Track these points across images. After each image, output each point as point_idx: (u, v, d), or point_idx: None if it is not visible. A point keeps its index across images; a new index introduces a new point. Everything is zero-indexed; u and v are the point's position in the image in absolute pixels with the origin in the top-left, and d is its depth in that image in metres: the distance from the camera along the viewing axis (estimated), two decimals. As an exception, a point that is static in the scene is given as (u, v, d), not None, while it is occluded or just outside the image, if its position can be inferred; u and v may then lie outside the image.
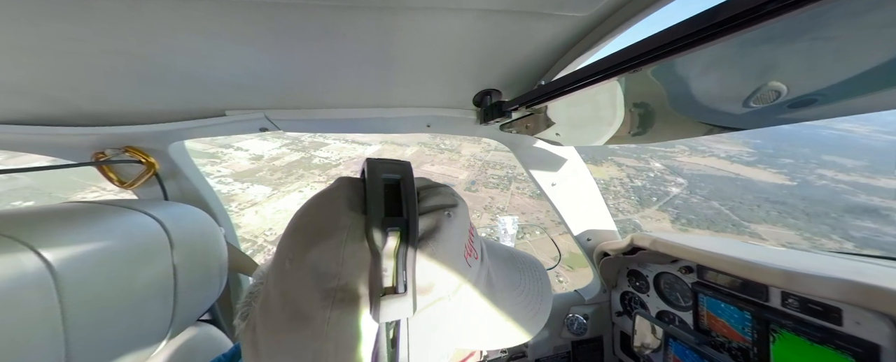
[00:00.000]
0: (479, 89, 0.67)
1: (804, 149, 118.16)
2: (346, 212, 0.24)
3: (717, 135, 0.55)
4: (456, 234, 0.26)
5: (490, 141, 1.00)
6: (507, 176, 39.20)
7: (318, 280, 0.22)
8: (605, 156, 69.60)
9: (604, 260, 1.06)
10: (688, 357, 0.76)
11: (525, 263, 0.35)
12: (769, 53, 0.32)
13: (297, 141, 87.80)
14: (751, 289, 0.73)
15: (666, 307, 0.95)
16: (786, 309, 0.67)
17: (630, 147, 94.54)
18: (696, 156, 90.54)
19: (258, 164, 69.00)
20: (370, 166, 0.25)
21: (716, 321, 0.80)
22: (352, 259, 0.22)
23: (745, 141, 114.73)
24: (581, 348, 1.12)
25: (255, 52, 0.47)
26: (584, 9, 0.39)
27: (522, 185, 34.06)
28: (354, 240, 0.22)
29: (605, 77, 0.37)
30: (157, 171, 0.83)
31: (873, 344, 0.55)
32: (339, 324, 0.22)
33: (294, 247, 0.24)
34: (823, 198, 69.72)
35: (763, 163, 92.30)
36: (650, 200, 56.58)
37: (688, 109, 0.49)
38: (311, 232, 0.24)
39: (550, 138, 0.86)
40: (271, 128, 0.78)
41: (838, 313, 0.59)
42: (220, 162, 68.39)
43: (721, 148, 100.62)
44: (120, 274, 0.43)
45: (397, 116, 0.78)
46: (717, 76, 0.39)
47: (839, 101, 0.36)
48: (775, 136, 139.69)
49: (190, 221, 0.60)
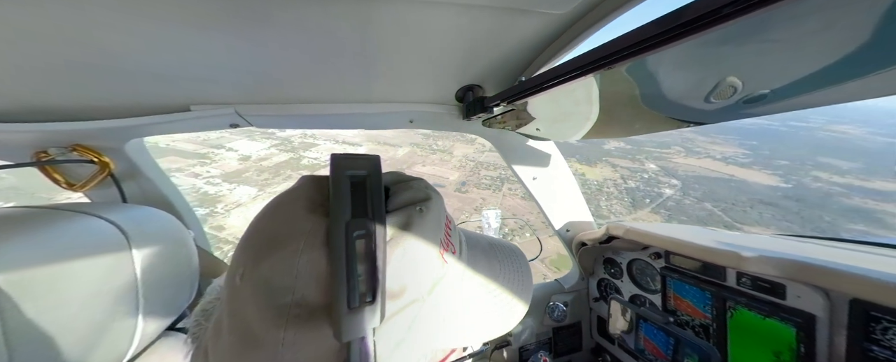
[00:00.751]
0: (461, 85, 0.68)
1: (800, 150, 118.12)
2: (305, 216, 0.22)
3: (713, 137, 0.59)
4: (429, 230, 0.24)
5: (485, 142, 1.02)
6: (500, 177, 38.89)
7: (269, 295, 0.20)
8: (600, 156, 69.39)
9: (582, 249, 1.12)
10: (656, 336, 0.81)
11: (505, 252, 0.34)
12: (726, 53, 0.35)
13: (286, 141, 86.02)
14: (711, 271, 0.78)
15: (638, 291, 1.00)
16: (740, 287, 0.73)
17: (625, 148, 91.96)
18: (692, 157, 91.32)
19: (246, 165, 66.45)
20: (334, 162, 0.22)
21: (681, 301, 0.86)
22: (309, 269, 0.20)
23: (741, 142, 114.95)
24: (561, 334, 1.17)
25: (220, 41, 0.44)
26: (561, 7, 0.41)
27: (514, 187, 33.85)
28: (313, 247, 0.20)
29: (582, 73, 0.39)
30: (112, 172, 0.76)
31: (811, 314, 0.61)
32: (294, 345, 0.19)
33: (245, 260, 0.21)
34: (818, 201, 69.55)
35: (758, 165, 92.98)
36: (643, 202, 56.96)
37: (657, 104, 0.52)
38: (264, 241, 0.21)
39: (531, 133, 0.90)
40: (243, 124, 0.74)
41: (783, 288, 0.65)
42: (211, 162, 67.12)
43: (717, 149, 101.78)
44: (72, 286, 0.39)
45: (379, 112, 0.76)
46: (683, 74, 0.41)
47: (786, 98, 0.40)
48: (772, 138, 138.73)
49: (153, 224, 0.56)
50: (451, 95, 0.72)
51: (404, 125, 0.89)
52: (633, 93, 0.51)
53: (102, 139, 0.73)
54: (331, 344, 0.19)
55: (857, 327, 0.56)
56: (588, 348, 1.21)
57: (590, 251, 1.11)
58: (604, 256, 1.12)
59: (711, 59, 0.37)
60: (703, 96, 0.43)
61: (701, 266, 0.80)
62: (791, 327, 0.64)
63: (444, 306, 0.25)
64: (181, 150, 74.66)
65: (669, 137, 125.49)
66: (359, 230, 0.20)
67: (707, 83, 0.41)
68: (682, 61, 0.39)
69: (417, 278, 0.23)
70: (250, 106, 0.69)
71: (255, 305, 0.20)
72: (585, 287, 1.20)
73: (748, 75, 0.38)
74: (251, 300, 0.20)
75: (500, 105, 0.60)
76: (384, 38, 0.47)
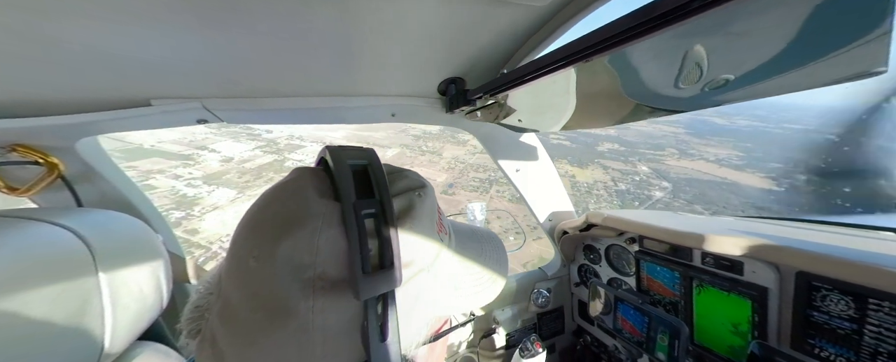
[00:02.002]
0: (443, 77, 0.68)
1: (794, 153, 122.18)
2: (317, 200, 0.23)
3: (707, 139, 0.62)
4: (428, 212, 0.27)
5: (477, 143, 1.01)
6: (488, 178, 39.11)
7: (293, 272, 0.21)
8: (592, 158, 68.58)
9: (563, 237, 1.16)
10: (632, 315, 0.87)
11: (484, 237, 0.38)
12: (694, 44, 0.38)
13: (272, 143, 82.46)
14: (679, 253, 0.85)
15: (615, 274, 1.06)
16: (704, 266, 0.79)
17: (618, 150, 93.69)
18: (685, 159, 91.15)
19: (227, 167, 64.39)
20: (333, 154, 0.25)
21: (653, 282, 0.92)
22: (329, 247, 0.22)
23: (736, 144, 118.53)
24: (545, 318, 1.22)
25: (182, 27, 0.41)
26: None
27: (502, 189, 34.30)
28: (330, 226, 0.22)
29: (562, 66, 0.40)
30: (62, 173, 0.69)
31: (764, 287, 0.68)
32: (323, 311, 0.21)
33: (259, 243, 0.22)
34: (811, 205, 73.21)
35: (752, 168, 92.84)
36: (632, 205, 58.68)
37: (633, 93, 0.55)
38: (279, 223, 0.23)
39: (513, 124, 0.91)
40: (211, 119, 0.70)
41: (741, 265, 0.72)
42: (194, 164, 63.12)
43: (711, 151, 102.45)
44: (24, 300, 0.36)
45: (359, 105, 0.74)
46: (655, 63, 0.44)
47: (744, 86, 0.43)
48: (767, 140, 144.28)
49: (116, 229, 0.52)
50: (433, 88, 0.72)
51: (386, 119, 0.87)
52: (610, 83, 0.53)
53: (48, 138, 0.66)
54: (354, 308, 0.22)
55: (802, 296, 0.63)
56: (570, 330, 1.28)
57: (571, 239, 1.16)
58: (584, 243, 1.18)
59: (681, 49, 0.40)
60: (672, 82, 0.46)
61: (670, 248, 0.87)
62: (747, 300, 0.70)
63: (443, 278, 0.28)
64: (166, 152, 71.18)
65: (664, 139, 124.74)
66: (368, 209, 0.23)
67: (675, 69, 0.43)
68: (656, 51, 0.41)
69: (422, 251, 0.26)
70: (219, 100, 0.65)
71: (278, 282, 0.21)
72: (567, 273, 1.26)
73: (712, 63, 0.40)
74: (274, 278, 0.22)
75: (483, 97, 0.61)
76: (363, 27, 0.46)
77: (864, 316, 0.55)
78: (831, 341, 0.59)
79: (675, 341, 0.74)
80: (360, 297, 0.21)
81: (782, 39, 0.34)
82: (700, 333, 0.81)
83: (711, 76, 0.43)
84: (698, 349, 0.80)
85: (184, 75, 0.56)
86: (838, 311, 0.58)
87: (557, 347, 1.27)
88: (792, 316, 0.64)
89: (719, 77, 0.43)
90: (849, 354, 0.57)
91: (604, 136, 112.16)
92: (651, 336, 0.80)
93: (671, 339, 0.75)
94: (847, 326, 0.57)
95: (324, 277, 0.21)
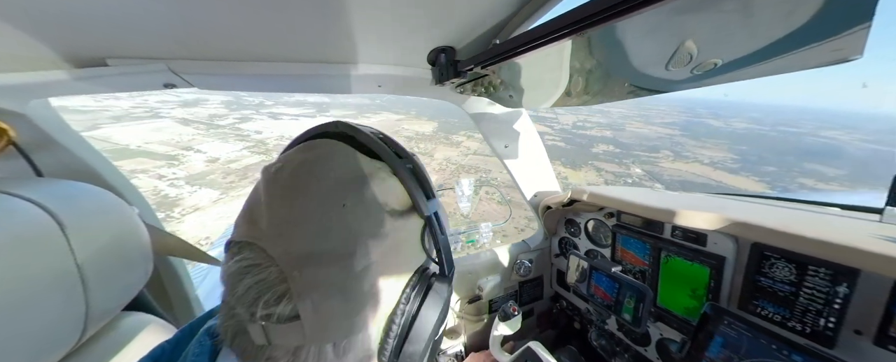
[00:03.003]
0: (432, 46, 0.64)
1: (788, 156, 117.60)
2: (367, 161, 0.29)
3: (703, 141, 0.62)
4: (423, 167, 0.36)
5: (470, 145, 0.99)
6: (479, 180, 38.61)
7: (380, 208, 0.28)
8: (586, 160, 67.12)
9: (547, 212, 1.22)
10: (604, 282, 0.95)
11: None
12: (687, 21, 0.37)
13: (260, 143, 77.52)
14: (652, 226, 0.91)
15: (592, 246, 1.14)
16: (673, 238, 0.86)
17: (613, 152, 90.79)
18: (680, 161, 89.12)
19: (212, 167, 59.56)
20: (349, 126, 0.32)
21: (626, 253, 1.00)
22: (392, 191, 0.29)
23: (731, 146, 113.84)
24: (526, 286, 1.32)
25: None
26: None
27: (491, 191, 34.27)
28: (390, 176, 0.29)
29: (556, 38, 0.39)
30: (14, 140, 0.63)
31: (722, 256, 0.75)
32: (405, 229, 0.29)
33: (345, 193, 0.27)
34: None
35: (746, 171, 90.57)
36: None
37: (623, 72, 0.55)
38: (355, 177, 0.28)
39: (504, 100, 0.90)
40: (180, 84, 0.64)
41: (705, 238, 0.78)
42: (179, 164, 59.05)
43: (706, 153, 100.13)
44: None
45: (343, 73, 0.70)
46: (648, 42, 0.43)
47: (733, 70, 0.43)
48: (762, 143, 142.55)
49: (84, 201, 0.50)
50: (422, 58, 0.69)
51: (372, 89, 0.83)
52: (601, 61, 0.52)
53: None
54: (419, 224, 0.30)
55: (753, 264, 0.70)
56: (548, 296, 1.39)
57: (554, 213, 1.21)
58: (566, 218, 1.24)
59: (674, 26, 0.39)
60: (664, 63, 0.46)
61: (644, 222, 0.93)
62: (707, 268, 0.78)
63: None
64: (152, 152, 68.26)
65: (660, 141, 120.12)
66: (408, 164, 0.31)
67: (668, 50, 0.43)
68: (649, 28, 0.41)
69: (431, 190, 0.34)
70: (187, 62, 0.59)
71: (369, 219, 0.27)
72: (548, 245, 1.33)
73: (703, 42, 0.41)
74: (367, 216, 0.27)
75: (474, 70, 0.59)
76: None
77: (802, 280, 0.63)
78: (772, 302, 0.68)
79: (640, 304, 0.82)
80: (423, 214, 0.29)
81: (772, 21, 0.34)
82: (662, 297, 0.90)
83: (701, 59, 0.43)
84: (660, 310, 0.90)
85: (145, 33, 0.50)
86: (782, 277, 0.66)
87: (536, 311, 1.38)
88: (743, 281, 0.72)
89: (708, 61, 0.43)
90: (784, 312, 0.66)
91: (600, 138, 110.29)
92: (620, 299, 0.88)
93: (637, 302, 0.83)
94: (787, 289, 0.66)
95: (395, 212, 0.28)
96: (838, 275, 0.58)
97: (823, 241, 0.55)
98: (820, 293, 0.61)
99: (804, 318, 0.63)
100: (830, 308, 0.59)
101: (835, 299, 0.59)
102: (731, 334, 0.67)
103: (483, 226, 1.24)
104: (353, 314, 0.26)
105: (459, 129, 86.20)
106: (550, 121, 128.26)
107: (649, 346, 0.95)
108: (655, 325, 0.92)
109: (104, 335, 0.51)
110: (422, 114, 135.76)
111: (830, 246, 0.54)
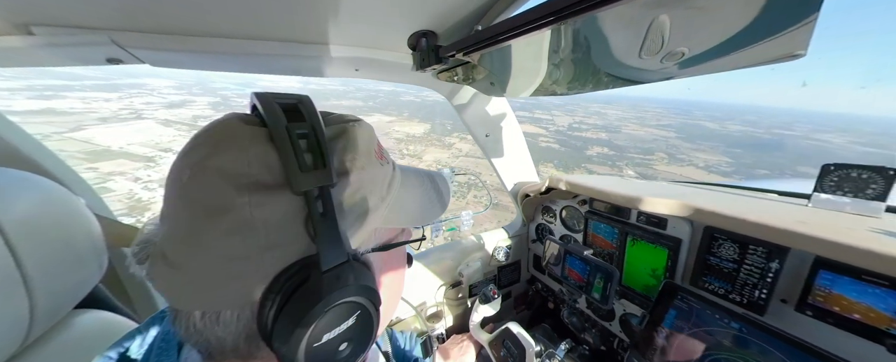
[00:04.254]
0: (414, 30, 0.62)
1: (781, 160, 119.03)
2: (243, 126, 0.24)
3: (698, 144, 0.64)
4: (363, 139, 0.29)
5: (461, 146, 0.96)
6: (468, 183, 37.77)
7: (227, 179, 0.22)
8: (579, 163, 65.70)
9: (525, 200, 1.26)
10: (576, 264, 1.01)
11: (426, 172, 0.41)
12: (661, 14, 0.39)
13: None
14: (620, 212, 0.98)
15: (566, 232, 1.21)
16: (638, 223, 0.93)
17: (607, 154, 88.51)
18: (674, 164, 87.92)
19: None
20: (259, 95, 0.26)
21: (597, 237, 1.07)
22: (258, 160, 0.23)
23: (726, 150, 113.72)
24: (504, 270, 1.38)
25: None
26: None
27: (479, 194, 33.94)
28: (259, 143, 0.23)
29: (538, 27, 0.40)
30: None
31: (679, 239, 0.83)
32: (261, 205, 0.22)
33: (191, 162, 0.23)
34: None
35: (740, 174, 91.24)
36: None
37: (599, 61, 0.56)
38: (209, 145, 0.23)
39: (485, 88, 0.90)
40: (128, 59, 0.57)
41: (665, 222, 0.86)
42: (155, 166, 52.99)
43: (700, 157, 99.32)
44: None
45: (318, 55, 0.65)
46: (624, 32, 0.45)
47: (698, 63, 0.46)
48: (756, 146, 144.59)
49: (20, 191, 0.45)
50: (402, 42, 0.66)
51: (349, 73, 0.80)
52: (579, 50, 0.54)
53: None
54: (295, 202, 0.24)
55: (704, 245, 0.78)
56: (524, 279, 1.46)
57: (532, 201, 1.26)
58: (542, 205, 1.30)
59: (648, 17, 0.41)
60: (637, 51, 0.49)
61: (613, 208, 0.99)
62: (665, 249, 0.86)
63: (381, 191, 0.30)
64: (133, 154, 63.64)
65: (654, 143, 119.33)
66: (300, 129, 0.24)
67: (640, 39, 0.45)
68: (627, 20, 0.42)
69: (359, 163, 0.28)
70: (135, 34, 0.52)
71: (213, 188, 0.22)
72: (526, 232, 1.39)
73: (673, 35, 0.43)
74: (208, 186, 0.22)
75: (455, 56, 0.58)
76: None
77: (743, 258, 0.72)
78: (717, 277, 0.77)
79: (609, 283, 0.90)
80: (297, 189, 0.23)
81: (731, 19, 0.37)
82: (627, 277, 0.98)
83: (670, 48, 0.46)
84: (624, 289, 0.98)
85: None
86: (727, 255, 0.75)
87: (513, 293, 1.45)
88: (695, 260, 0.81)
89: (676, 49, 0.46)
90: (727, 286, 0.75)
91: (595, 140, 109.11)
92: (590, 280, 0.95)
93: (605, 282, 0.91)
94: (730, 266, 0.74)
95: (258, 183, 0.23)
96: (772, 253, 0.67)
97: (761, 224, 0.62)
98: (757, 268, 0.70)
99: (743, 291, 0.72)
100: (764, 281, 0.68)
101: (768, 274, 0.68)
102: (683, 307, 0.75)
103: (464, 214, 1.26)
104: (193, 289, 0.23)
105: (453, 132, 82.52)
106: (546, 122, 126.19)
107: (613, 321, 1.04)
108: (620, 302, 1.01)
109: (53, 336, 0.48)
110: (414, 116, 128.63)
111: (767, 228, 0.62)
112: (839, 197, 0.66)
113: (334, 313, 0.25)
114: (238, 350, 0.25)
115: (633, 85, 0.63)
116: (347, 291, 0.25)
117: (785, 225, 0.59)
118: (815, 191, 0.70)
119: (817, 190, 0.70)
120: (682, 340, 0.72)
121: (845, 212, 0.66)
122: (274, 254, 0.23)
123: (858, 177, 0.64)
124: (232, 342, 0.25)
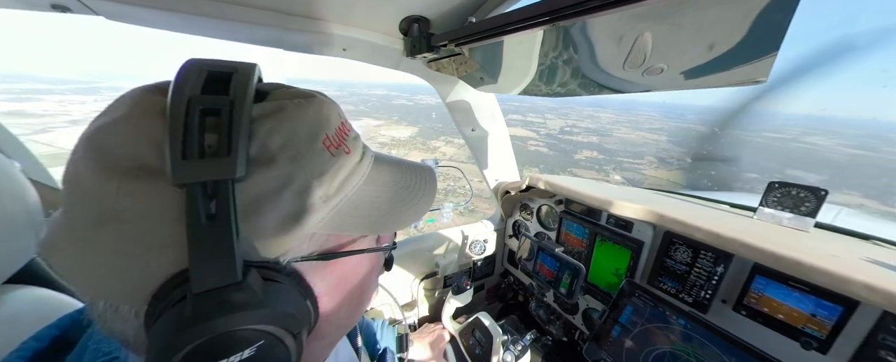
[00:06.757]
0: (406, 14, 0.61)
1: (771, 163, 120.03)
2: (148, 97, 0.21)
3: (689, 147, 0.66)
4: (307, 120, 0.24)
5: (447, 150, 0.93)
6: (452, 188, 36.27)
7: (100, 159, 0.19)
8: (566, 166, 65.85)
9: (505, 196, 1.30)
10: (548, 261, 1.06)
11: (413, 167, 0.35)
12: (645, 28, 0.41)
13: None
14: (592, 214, 1.03)
15: (541, 229, 1.26)
16: (607, 225, 0.99)
17: (597, 157, 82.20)
18: (663, 169, 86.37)
19: None
20: (190, 60, 0.22)
21: (569, 236, 1.12)
22: (147, 138, 0.19)
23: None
24: (480, 264, 1.42)
25: None
26: None
27: (456, 185, 33.31)
28: (150, 118, 0.20)
29: (530, 25, 0.40)
30: None
31: (642, 241, 0.89)
32: (131, 194, 0.19)
33: (82, 135, 0.20)
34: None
35: (728, 176, 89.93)
36: None
37: (586, 67, 0.58)
38: (107, 114, 0.20)
39: (475, 82, 0.91)
40: (77, 8, 0.51)
41: (631, 225, 0.92)
42: None
43: (689, 161, 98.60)
44: None
45: (303, 29, 0.62)
46: (609, 42, 0.47)
47: (678, 77, 0.48)
48: (748, 150, 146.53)
49: None
50: (394, 25, 0.64)
51: (336, 52, 0.76)
52: (568, 54, 0.55)
53: None
54: (176, 195, 0.19)
55: (663, 248, 0.85)
56: (498, 273, 1.51)
57: (511, 198, 1.30)
58: (521, 202, 1.34)
59: (635, 31, 0.43)
60: (621, 63, 0.51)
61: (587, 210, 1.05)
62: (628, 250, 0.93)
63: (327, 189, 0.24)
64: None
65: (645, 146, 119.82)
66: (206, 105, 0.20)
67: (625, 51, 0.47)
68: (612, 29, 0.44)
69: (290, 152, 0.22)
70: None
71: (86, 168, 0.19)
72: (503, 227, 1.43)
73: (655, 51, 0.46)
74: (83, 165, 0.20)
75: (448, 46, 0.58)
76: None
77: (694, 261, 0.79)
78: (671, 278, 0.84)
79: (575, 280, 0.95)
80: (174, 181, 0.19)
81: (707, 44, 0.40)
82: (592, 275, 1.05)
83: (651, 63, 0.49)
84: (589, 285, 1.05)
85: None
86: (681, 258, 0.82)
87: (486, 286, 1.50)
88: (654, 261, 0.88)
89: (656, 66, 0.49)
90: (679, 286, 0.82)
91: (585, 144, 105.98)
92: (559, 276, 1.01)
93: (572, 278, 0.96)
94: (683, 268, 0.81)
95: (140, 167, 0.19)
96: (719, 258, 0.74)
97: (712, 232, 0.69)
98: (705, 271, 0.77)
99: (691, 291, 0.80)
100: (710, 283, 0.76)
101: (714, 277, 0.75)
102: (639, 304, 0.82)
103: (445, 205, 1.28)
104: (80, 277, 0.21)
105: (441, 135, 79.26)
106: (537, 125, 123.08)
107: (577, 315, 1.11)
108: (584, 298, 1.08)
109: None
110: (403, 120, 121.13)
111: (717, 236, 0.68)
112: (779, 211, 0.74)
113: (215, 343, 0.19)
114: (140, 344, 0.22)
115: (615, 93, 0.66)
116: (234, 320, 0.20)
117: (733, 234, 0.66)
118: (761, 205, 0.78)
119: (762, 204, 0.77)
120: (635, 334, 0.79)
121: (783, 225, 0.74)
122: (161, 254, 0.20)
123: (797, 194, 0.72)
124: (133, 337, 0.22)
